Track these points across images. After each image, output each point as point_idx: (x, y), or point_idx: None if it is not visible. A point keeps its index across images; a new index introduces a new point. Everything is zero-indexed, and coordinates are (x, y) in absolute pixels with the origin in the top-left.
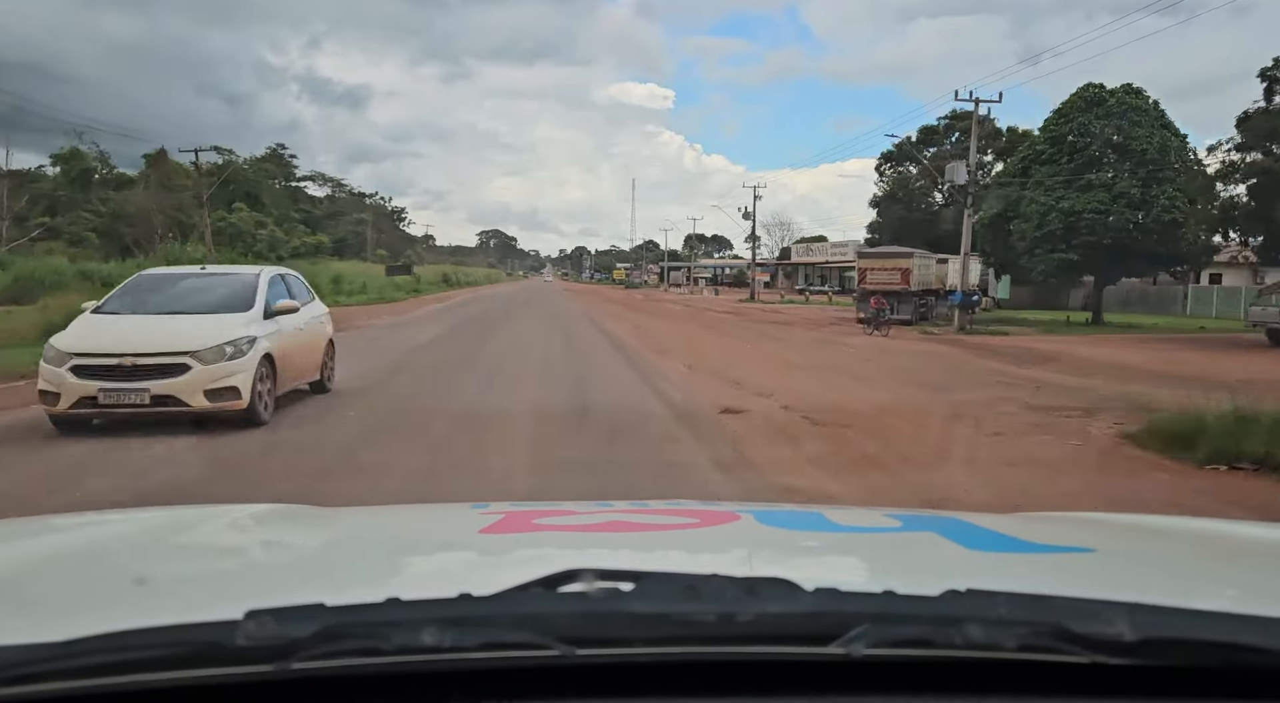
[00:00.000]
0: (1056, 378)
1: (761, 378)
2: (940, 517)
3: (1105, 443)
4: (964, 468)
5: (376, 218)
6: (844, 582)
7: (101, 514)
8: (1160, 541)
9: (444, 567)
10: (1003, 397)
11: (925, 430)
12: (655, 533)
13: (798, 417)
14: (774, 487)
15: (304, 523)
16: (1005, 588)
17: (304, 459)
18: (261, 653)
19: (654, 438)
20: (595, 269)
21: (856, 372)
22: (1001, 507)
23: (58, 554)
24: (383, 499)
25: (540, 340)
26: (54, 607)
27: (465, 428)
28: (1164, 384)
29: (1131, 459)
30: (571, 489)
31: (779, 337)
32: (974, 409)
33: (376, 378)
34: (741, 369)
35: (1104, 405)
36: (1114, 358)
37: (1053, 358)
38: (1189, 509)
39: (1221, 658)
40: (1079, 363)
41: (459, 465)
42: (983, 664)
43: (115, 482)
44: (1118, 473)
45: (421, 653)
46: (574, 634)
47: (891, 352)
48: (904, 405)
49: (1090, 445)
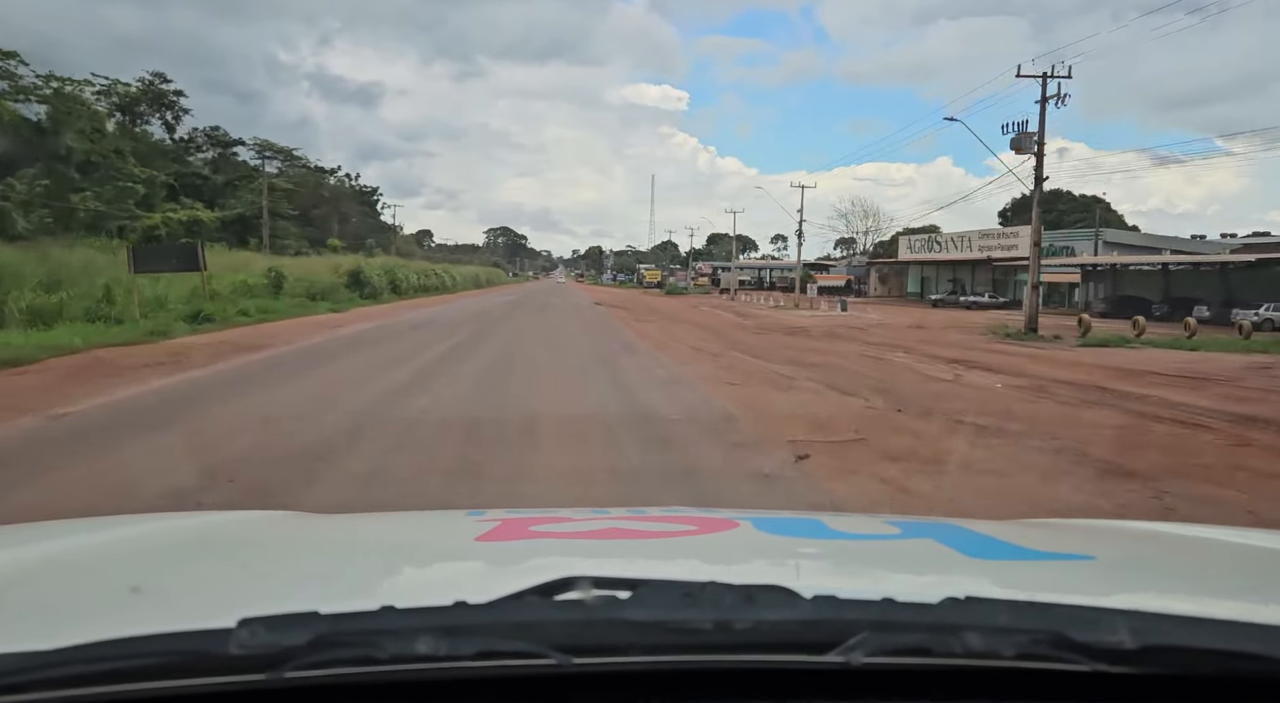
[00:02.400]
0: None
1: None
2: (939, 524)
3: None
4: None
5: (336, 198)
6: (843, 589)
7: (94, 522)
8: (1159, 547)
9: (439, 575)
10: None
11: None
12: (652, 541)
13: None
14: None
15: (298, 530)
16: (1005, 596)
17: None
18: (255, 662)
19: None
20: (616, 270)
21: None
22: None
23: (49, 562)
24: None
25: None
26: (46, 615)
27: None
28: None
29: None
30: None
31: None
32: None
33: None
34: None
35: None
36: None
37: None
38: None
39: (1221, 665)
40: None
41: None
42: (982, 673)
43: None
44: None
45: (416, 662)
46: (570, 643)
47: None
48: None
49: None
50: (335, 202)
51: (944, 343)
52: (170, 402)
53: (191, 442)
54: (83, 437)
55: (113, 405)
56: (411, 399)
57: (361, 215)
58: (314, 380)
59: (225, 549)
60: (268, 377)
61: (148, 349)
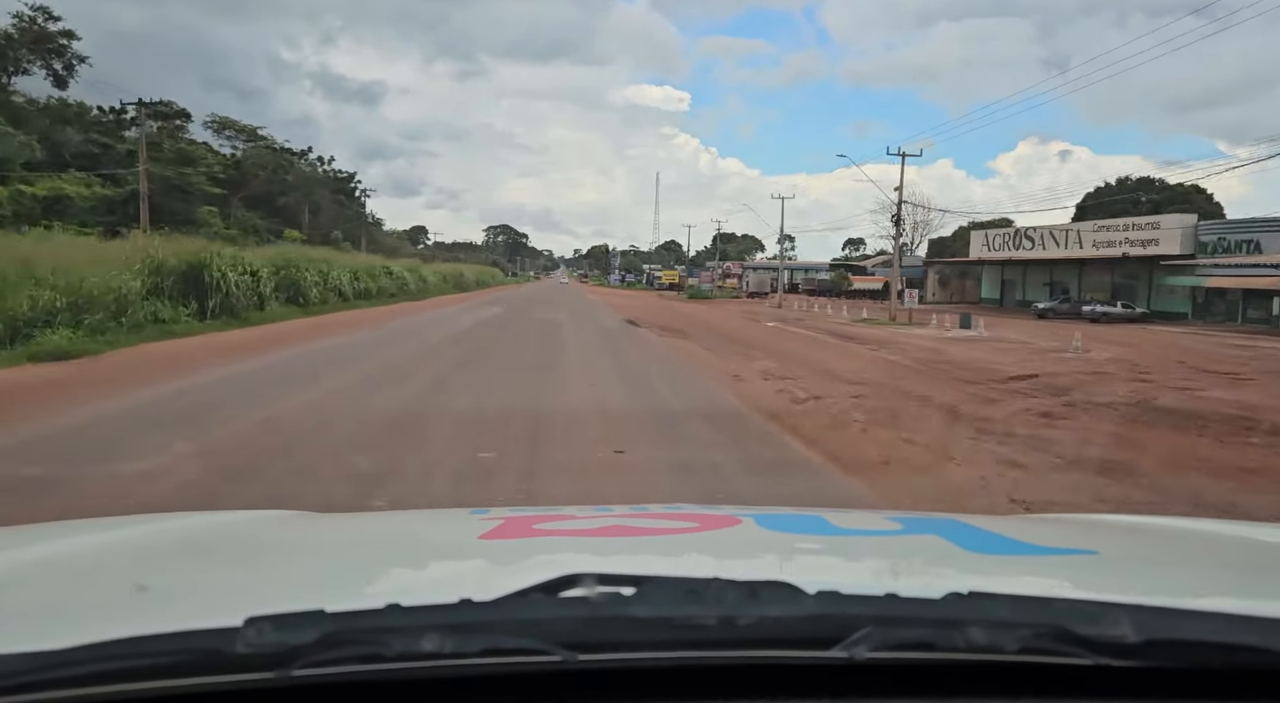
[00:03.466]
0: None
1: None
2: (942, 519)
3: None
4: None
5: (306, 184)
6: (846, 585)
7: (100, 522)
8: (1161, 542)
9: (444, 573)
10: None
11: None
12: (656, 537)
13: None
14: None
15: (304, 529)
16: (1007, 590)
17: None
18: (262, 660)
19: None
20: (624, 270)
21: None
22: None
23: (57, 562)
24: None
25: None
26: (54, 615)
27: None
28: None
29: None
30: None
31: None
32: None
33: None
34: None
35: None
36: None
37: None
38: None
39: (1224, 659)
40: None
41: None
42: (985, 667)
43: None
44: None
45: (422, 659)
46: (575, 639)
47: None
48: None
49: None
50: (306, 188)
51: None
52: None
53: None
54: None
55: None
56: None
57: (338, 205)
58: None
59: (231, 549)
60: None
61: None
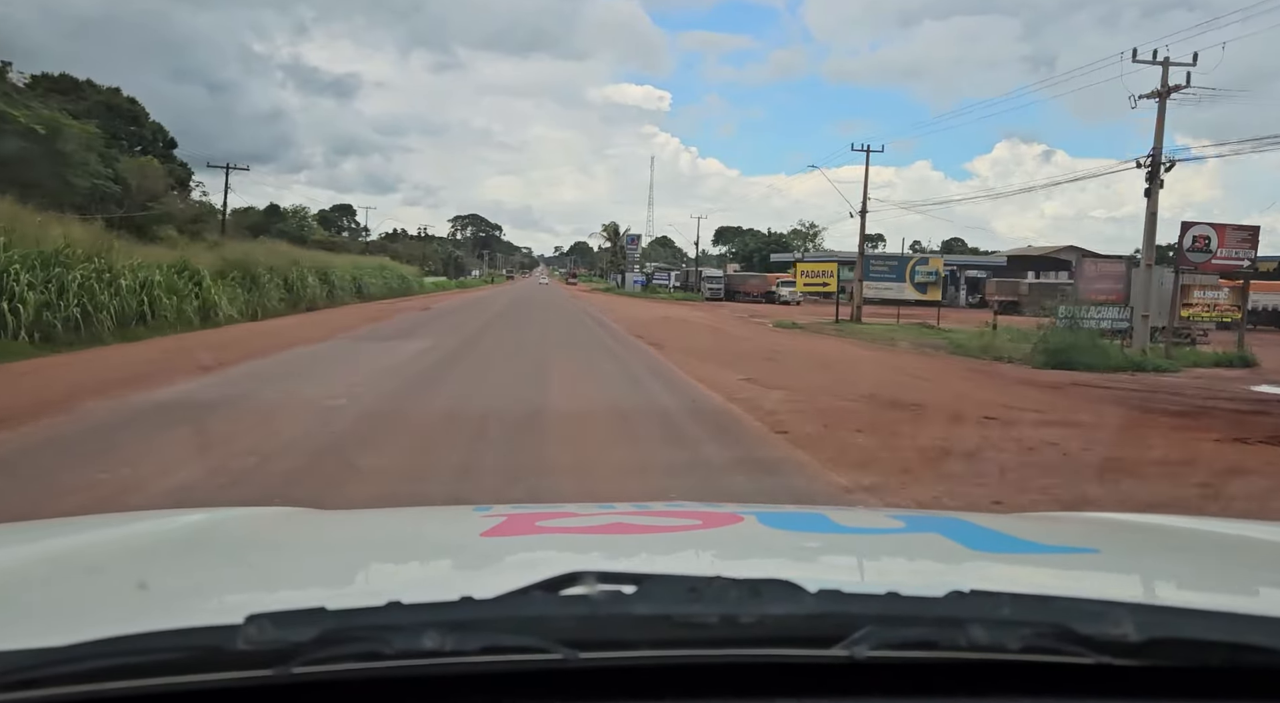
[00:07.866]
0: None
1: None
2: (944, 517)
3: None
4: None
5: (49, 138)
6: (847, 583)
7: (101, 518)
8: (1163, 540)
9: (445, 570)
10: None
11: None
12: (657, 535)
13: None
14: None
15: (305, 526)
16: (1009, 589)
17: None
18: (262, 657)
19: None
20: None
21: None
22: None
23: (59, 559)
24: None
25: None
26: (55, 611)
27: None
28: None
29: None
30: None
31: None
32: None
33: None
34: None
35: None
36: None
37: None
38: None
39: (1226, 658)
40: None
41: None
42: (987, 666)
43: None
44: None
45: (423, 657)
46: (576, 637)
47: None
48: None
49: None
50: (48, 141)
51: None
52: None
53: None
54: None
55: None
56: None
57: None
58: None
59: (232, 546)
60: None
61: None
